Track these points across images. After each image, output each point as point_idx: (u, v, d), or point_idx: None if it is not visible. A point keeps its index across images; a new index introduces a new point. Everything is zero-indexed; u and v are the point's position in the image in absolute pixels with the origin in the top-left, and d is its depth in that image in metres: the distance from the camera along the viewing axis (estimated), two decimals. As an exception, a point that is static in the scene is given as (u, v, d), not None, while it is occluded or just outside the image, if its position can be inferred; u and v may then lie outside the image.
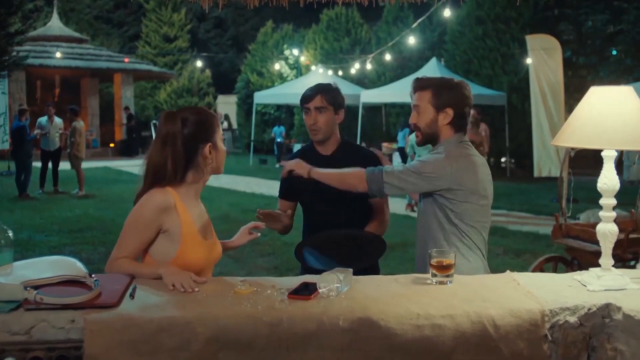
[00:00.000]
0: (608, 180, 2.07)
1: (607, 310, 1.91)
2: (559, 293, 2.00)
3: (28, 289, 1.82)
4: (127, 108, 23.95)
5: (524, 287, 2.05)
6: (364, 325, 1.81)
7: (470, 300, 1.94)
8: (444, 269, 2.11)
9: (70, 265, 2.01)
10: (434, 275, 2.12)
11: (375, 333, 1.80)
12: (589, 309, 1.91)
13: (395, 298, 1.95)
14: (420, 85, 2.68)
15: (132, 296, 1.91)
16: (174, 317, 1.77)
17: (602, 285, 2.03)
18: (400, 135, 16.61)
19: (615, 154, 2.07)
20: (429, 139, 2.68)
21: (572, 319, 1.89)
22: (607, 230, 2.09)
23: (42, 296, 1.79)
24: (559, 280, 2.17)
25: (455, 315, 1.85)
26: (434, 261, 2.12)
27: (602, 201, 2.10)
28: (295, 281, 2.08)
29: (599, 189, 2.09)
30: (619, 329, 1.89)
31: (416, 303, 1.90)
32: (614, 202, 2.08)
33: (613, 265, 2.12)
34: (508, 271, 2.28)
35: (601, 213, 2.10)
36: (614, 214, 2.09)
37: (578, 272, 2.22)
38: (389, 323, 1.81)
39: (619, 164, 12.68)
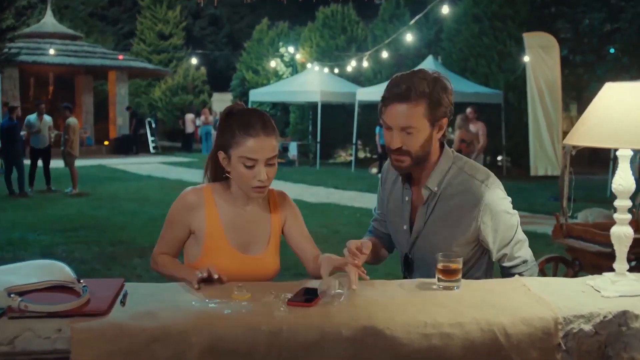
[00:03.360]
0: (623, 181, 1.97)
1: (623, 317, 1.81)
2: (572, 299, 1.90)
3: (12, 295, 1.71)
4: (129, 107, 23.90)
5: (535, 293, 1.95)
6: (368, 334, 1.70)
7: (479, 307, 1.84)
8: (451, 273, 2.01)
9: (57, 270, 1.90)
10: (440, 280, 2.02)
11: (381, 343, 1.70)
12: (605, 317, 1.81)
13: (400, 305, 1.84)
14: (411, 95, 2.02)
15: (122, 303, 1.81)
16: (167, 326, 1.67)
17: (617, 291, 1.93)
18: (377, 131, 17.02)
19: (631, 153, 1.98)
20: (418, 162, 2.15)
21: (587, 327, 1.80)
22: (622, 233, 1.99)
23: (27, 303, 1.68)
24: (570, 286, 2.07)
25: (464, 324, 1.75)
26: (440, 265, 2.02)
27: (616, 203, 2.00)
28: (294, 286, 1.98)
29: (613, 190, 2.00)
30: (637, 337, 1.79)
31: (423, 310, 1.80)
32: (629, 203, 1.99)
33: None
34: (517, 275, 2.19)
35: (616, 215, 2.00)
36: (629, 216, 1.99)
37: (590, 276, 2.12)
38: (395, 332, 1.71)
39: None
